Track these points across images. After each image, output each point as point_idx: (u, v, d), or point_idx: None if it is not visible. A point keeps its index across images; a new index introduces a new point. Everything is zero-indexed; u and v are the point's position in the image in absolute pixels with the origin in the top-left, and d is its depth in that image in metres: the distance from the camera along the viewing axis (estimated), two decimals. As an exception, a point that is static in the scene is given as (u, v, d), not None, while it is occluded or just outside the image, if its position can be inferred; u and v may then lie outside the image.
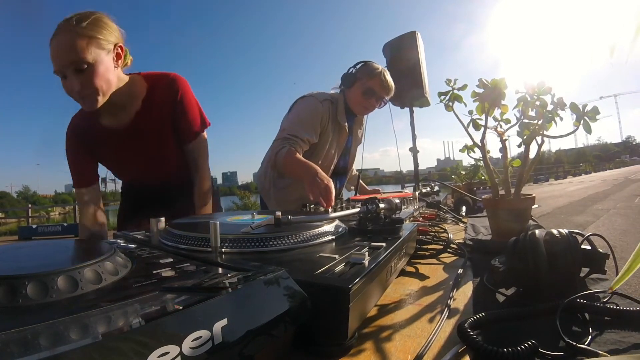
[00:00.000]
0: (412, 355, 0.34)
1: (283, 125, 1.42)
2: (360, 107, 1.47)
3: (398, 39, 2.21)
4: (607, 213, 5.64)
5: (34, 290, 0.26)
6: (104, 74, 0.88)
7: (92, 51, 0.85)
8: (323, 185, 1.05)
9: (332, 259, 0.40)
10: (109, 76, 0.90)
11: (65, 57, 0.84)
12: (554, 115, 0.71)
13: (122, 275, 0.33)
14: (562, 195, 9.87)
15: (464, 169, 2.04)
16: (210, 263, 0.38)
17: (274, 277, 0.31)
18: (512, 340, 0.31)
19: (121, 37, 0.95)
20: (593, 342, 0.35)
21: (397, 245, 0.50)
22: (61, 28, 0.84)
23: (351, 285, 0.32)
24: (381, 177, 70.14)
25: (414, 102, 2.27)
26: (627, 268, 0.20)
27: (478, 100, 0.79)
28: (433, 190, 1.59)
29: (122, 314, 0.23)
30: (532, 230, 0.49)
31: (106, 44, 0.88)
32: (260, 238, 0.46)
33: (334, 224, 0.57)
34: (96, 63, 0.86)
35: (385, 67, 1.50)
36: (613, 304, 0.41)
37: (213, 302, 0.25)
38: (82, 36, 0.83)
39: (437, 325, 0.39)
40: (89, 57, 0.84)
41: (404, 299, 0.50)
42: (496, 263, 0.50)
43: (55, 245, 0.40)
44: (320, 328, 0.33)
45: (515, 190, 0.78)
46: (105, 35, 0.88)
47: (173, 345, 0.21)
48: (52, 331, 0.20)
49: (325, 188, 1.04)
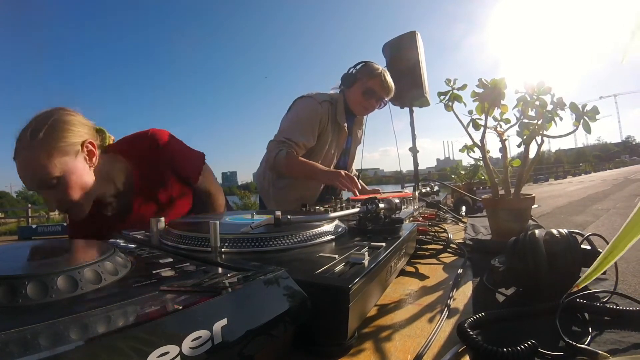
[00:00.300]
0: (412, 355, 0.34)
1: (281, 126, 1.42)
2: (360, 108, 1.47)
3: (398, 39, 2.21)
4: (607, 213, 5.65)
5: (34, 290, 0.26)
6: (77, 181, 0.80)
7: (57, 163, 0.76)
8: (344, 174, 1.15)
9: (331, 259, 0.40)
10: (85, 179, 0.82)
11: (31, 179, 0.77)
12: (553, 115, 0.71)
13: (122, 275, 0.33)
14: (562, 195, 9.87)
15: (464, 169, 2.04)
16: (210, 263, 0.39)
17: (273, 277, 0.31)
18: (512, 340, 0.31)
19: (90, 130, 0.86)
20: (593, 342, 0.35)
21: (397, 245, 0.50)
22: (20, 145, 0.76)
23: (351, 285, 0.32)
24: (381, 177, 70.19)
25: (413, 102, 2.27)
26: (598, 264, 0.19)
27: (478, 100, 0.79)
28: (433, 190, 1.59)
29: (122, 313, 0.23)
30: (531, 230, 0.49)
31: (72, 147, 0.79)
32: (260, 238, 0.46)
33: (334, 224, 0.57)
34: (65, 174, 0.78)
35: (385, 68, 1.50)
36: (613, 303, 0.41)
37: (213, 302, 0.25)
38: (42, 151, 0.75)
39: (437, 325, 0.39)
40: (55, 172, 0.76)
41: (404, 299, 0.50)
42: (496, 263, 0.50)
43: (55, 245, 0.40)
44: (320, 328, 0.33)
45: (515, 190, 0.78)
46: (69, 139, 0.79)
47: (173, 345, 0.21)
48: (52, 331, 0.20)
49: (348, 176, 1.15)
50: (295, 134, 1.34)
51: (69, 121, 0.81)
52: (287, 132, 1.35)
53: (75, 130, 0.81)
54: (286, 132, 1.35)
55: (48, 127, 0.77)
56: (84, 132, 0.84)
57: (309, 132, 1.37)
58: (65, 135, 0.79)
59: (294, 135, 1.33)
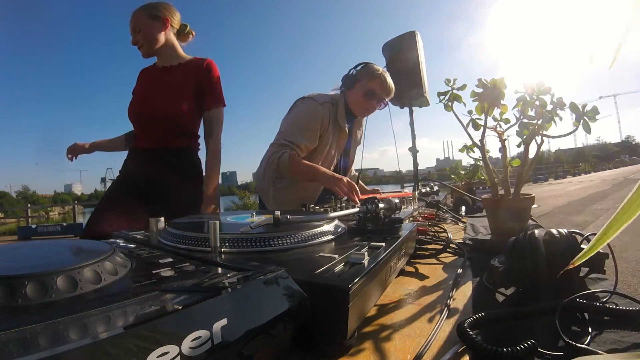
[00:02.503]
0: (412, 354, 0.34)
1: (282, 128, 1.42)
2: (361, 109, 1.47)
3: (398, 39, 2.21)
4: (607, 213, 5.65)
5: (34, 290, 0.26)
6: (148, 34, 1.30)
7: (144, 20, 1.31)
8: (346, 181, 1.18)
9: (331, 259, 0.40)
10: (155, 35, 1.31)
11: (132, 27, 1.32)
12: (553, 115, 0.71)
13: (121, 275, 0.33)
14: (562, 195, 9.88)
15: (464, 169, 2.05)
16: (210, 263, 0.38)
17: (273, 277, 0.31)
18: (512, 339, 0.31)
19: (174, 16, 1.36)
20: (592, 342, 0.35)
21: (397, 245, 0.50)
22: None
23: (351, 285, 0.32)
24: (380, 177, 70.21)
25: (413, 101, 2.27)
26: (595, 242, 0.19)
27: (477, 100, 0.79)
28: (432, 190, 1.59)
29: (122, 313, 0.23)
30: (531, 230, 0.49)
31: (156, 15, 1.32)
32: (260, 238, 0.46)
33: (334, 224, 0.57)
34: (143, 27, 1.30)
35: (384, 68, 1.50)
36: (612, 303, 0.41)
37: (213, 302, 0.25)
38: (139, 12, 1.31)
39: (437, 325, 0.39)
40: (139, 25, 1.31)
41: (404, 299, 0.50)
42: (495, 263, 0.50)
43: (54, 245, 0.40)
44: (320, 328, 0.33)
45: (515, 190, 0.78)
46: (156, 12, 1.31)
47: (173, 345, 0.21)
48: (51, 331, 0.20)
49: (350, 184, 1.17)
50: (297, 136, 1.34)
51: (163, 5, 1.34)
52: (289, 134, 1.35)
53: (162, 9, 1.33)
54: (288, 134, 1.35)
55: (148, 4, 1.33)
56: (168, 13, 1.33)
57: (310, 134, 1.37)
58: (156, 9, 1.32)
59: (295, 137, 1.33)
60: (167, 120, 1.31)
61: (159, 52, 1.36)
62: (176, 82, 1.33)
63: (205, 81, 1.34)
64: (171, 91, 1.33)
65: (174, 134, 1.34)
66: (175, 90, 1.32)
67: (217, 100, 1.37)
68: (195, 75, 1.34)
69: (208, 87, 1.35)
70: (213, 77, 1.36)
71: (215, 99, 1.36)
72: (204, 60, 1.38)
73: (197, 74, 1.34)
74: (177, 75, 1.35)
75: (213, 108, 1.36)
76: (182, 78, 1.34)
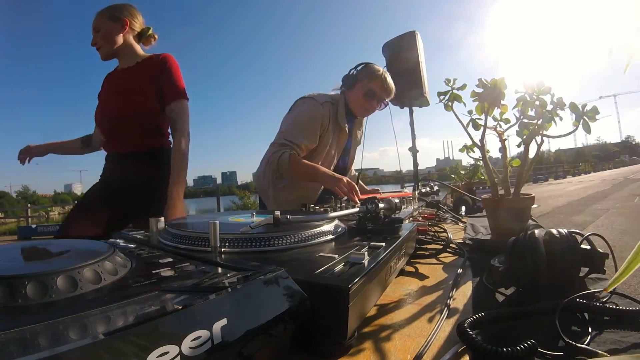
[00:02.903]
0: (412, 354, 0.34)
1: (282, 127, 1.42)
2: (361, 109, 1.47)
3: (398, 39, 2.21)
4: (607, 213, 5.65)
5: (34, 290, 0.26)
6: (107, 34, 1.30)
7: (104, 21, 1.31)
8: (346, 181, 1.18)
9: (331, 259, 0.40)
10: (113, 37, 1.31)
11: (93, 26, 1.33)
12: (553, 115, 0.71)
13: (121, 275, 0.33)
14: (562, 194, 9.88)
15: (464, 169, 2.05)
16: (210, 263, 0.38)
17: (273, 277, 0.31)
18: (512, 339, 0.31)
19: (135, 18, 1.36)
20: (592, 342, 0.35)
21: (397, 245, 0.50)
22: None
23: (350, 285, 0.32)
24: (380, 176, 70.23)
25: (413, 101, 2.27)
26: (624, 269, 0.19)
27: (477, 100, 0.79)
28: (432, 190, 1.59)
29: (122, 313, 0.23)
30: (531, 230, 0.49)
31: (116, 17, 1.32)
32: (260, 238, 0.46)
33: (333, 224, 0.57)
34: (103, 28, 1.30)
35: (384, 68, 1.50)
36: (612, 303, 0.41)
37: (212, 302, 0.25)
38: (100, 14, 1.32)
39: (437, 325, 0.39)
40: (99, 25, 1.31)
41: (404, 299, 0.50)
42: (495, 263, 0.50)
43: (54, 245, 0.40)
44: (320, 328, 0.33)
45: (515, 189, 0.78)
46: (117, 13, 1.32)
47: (172, 345, 0.21)
48: (51, 331, 0.20)
49: (350, 184, 1.17)
50: (297, 135, 1.34)
51: (125, 6, 1.35)
52: (289, 133, 1.35)
53: (123, 11, 1.33)
54: (288, 134, 1.35)
55: (111, 6, 1.34)
56: (128, 15, 1.34)
57: (311, 134, 1.37)
58: (117, 11, 1.32)
59: (295, 137, 1.33)
60: (132, 122, 1.30)
61: (118, 54, 1.35)
62: (136, 82, 1.32)
63: (163, 76, 1.32)
64: (131, 92, 1.31)
65: (142, 135, 1.32)
66: (135, 90, 1.31)
67: (177, 93, 1.32)
68: (153, 72, 1.32)
69: (166, 81, 1.32)
70: (170, 70, 1.33)
71: (174, 92, 1.32)
72: (160, 56, 1.36)
73: (154, 70, 1.32)
74: (136, 75, 1.33)
75: (173, 101, 1.31)
76: (141, 77, 1.32)
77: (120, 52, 1.34)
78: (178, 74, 1.34)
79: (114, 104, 1.33)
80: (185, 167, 1.29)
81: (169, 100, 1.31)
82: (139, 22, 1.39)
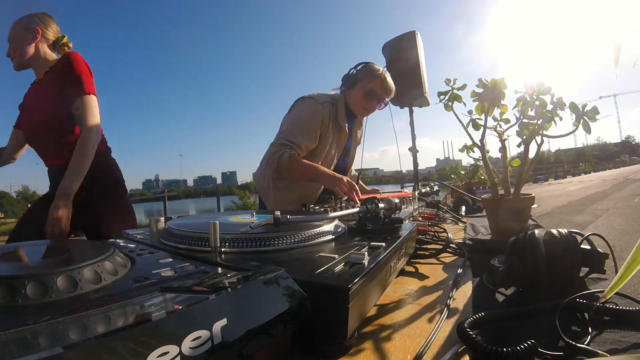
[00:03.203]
0: (412, 354, 0.34)
1: (282, 127, 1.42)
2: (361, 109, 1.47)
3: (398, 39, 2.21)
4: (607, 213, 5.65)
5: (34, 290, 0.26)
6: (18, 45, 1.26)
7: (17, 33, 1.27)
8: (346, 181, 1.18)
9: (331, 259, 0.40)
10: (25, 48, 1.27)
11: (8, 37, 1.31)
12: (553, 115, 0.71)
13: (121, 275, 0.33)
14: (562, 194, 9.87)
15: (464, 169, 2.05)
16: (210, 263, 0.39)
17: (273, 277, 0.31)
18: (512, 339, 0.31)
19: (50, 28, 1.32)
20: (592, 342, 0.35)
21: (397, 245, 0.50)
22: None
23: (351, 285, 0.32)
24: (380, 176, 70.23)
25: (413, 101, 2.27)
26: (621, 275, 0.19)
27: (477, 100, 0.79)
28: (432, 190, 1.59)
29: (122, 313, 0.23)
30: (531, 230, 0.49)
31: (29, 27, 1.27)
32: (260, 238, 0.46)
33: (334, 224, 0.57)
34: (15, 38, 1.27)
35: (384, 68, 1.50)
36: (612, 303, 0.41)
37: (212, 302, 0.25)
38: (15, 24, 1.28)
39: (437, 325, 0.39)
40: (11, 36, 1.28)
41: (404, 299, 0.50)
42: (495, 263, 0.50)
43: (54, 245, 0.40)
44: (320, 328, 0.33)
45: (515, 189, 0.78)
46: (30, 24, 1.27)
47: (172, 345, 0.21)
48: (51, 331, 0.20)
49: (350, 184, 1.17)
50: (297, 135, 1.34)
51: (38, 15, 1.31)
52: (289, 133, 1.35)
53: (36, 20, 1.30)
54: (288, 134, 1.35)
55: (26, 15, 1.31)
56: (40, 24, 1.30)
57: (311, 134, 1.37)
58: (30, 20, 1.29)
59: (296, 137, 1.33)
60: (51, 136, 1.26)
61: (32, 65, 1.31)
62: (46, 93, 1.27)
63: (66, 76, 1.25)
64: (43, 104, 1.27)
65: (68, 144, 1.23)
66: (46, 101, 1.27)
67: (79, 88, 1.24)
68: (59, 76, 1.26)
69: (68, 80, 1.24)
70: (72, 68, 1.25)
71: (75, 89, 1.23)
72: (63, 56, 1.30)
73: (60, 72, 1.26)
74: (46, 85, 1.29)
75: (76, 98, 1.23)
76: (50, 86, 1.27)
77: (33, 62, 1.29)
78: (81, 70, 1.26)
79: (30, 119, 1.32)
80: (82, 163, 1.18)
81: (73, 98, 1.24)
82: (52, 30, 1.34)
